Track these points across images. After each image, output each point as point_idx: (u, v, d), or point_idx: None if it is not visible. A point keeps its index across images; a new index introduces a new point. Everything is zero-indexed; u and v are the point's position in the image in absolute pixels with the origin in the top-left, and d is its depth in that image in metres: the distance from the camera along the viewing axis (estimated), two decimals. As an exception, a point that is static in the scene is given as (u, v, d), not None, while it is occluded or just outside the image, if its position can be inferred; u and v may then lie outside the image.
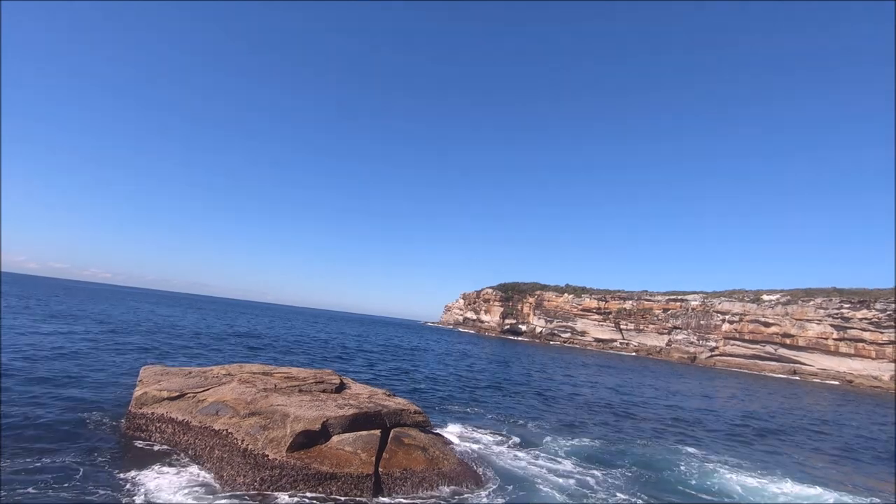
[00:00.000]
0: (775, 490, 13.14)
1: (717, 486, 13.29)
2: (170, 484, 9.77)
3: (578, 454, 15.23)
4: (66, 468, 9.94)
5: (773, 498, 12.66)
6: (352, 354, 40.57)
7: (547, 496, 11.17)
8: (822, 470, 16.82)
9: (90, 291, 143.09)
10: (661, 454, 16.35)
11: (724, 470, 14.84)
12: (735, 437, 21.40)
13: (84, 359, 21.92)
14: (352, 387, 16.03)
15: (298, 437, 10.54)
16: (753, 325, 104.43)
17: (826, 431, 26.21)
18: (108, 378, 18.66)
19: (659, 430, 21.14)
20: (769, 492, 13.04)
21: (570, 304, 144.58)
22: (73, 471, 9.82)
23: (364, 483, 9.92)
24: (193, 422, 12.46)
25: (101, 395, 15.93)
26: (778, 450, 19.68)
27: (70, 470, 9.86)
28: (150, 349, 27.90)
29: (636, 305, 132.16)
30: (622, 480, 12.86)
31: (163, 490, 9.44)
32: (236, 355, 30.21)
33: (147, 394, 14.10)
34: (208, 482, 10.01)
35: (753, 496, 12.60)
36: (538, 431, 18.02)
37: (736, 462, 16.25)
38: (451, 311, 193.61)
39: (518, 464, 13.53)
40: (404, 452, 11.35)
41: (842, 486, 14.65)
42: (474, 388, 27.75)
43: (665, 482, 13.19)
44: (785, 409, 34.98)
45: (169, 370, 16.46)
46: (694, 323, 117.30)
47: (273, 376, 15.61)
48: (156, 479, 9.91)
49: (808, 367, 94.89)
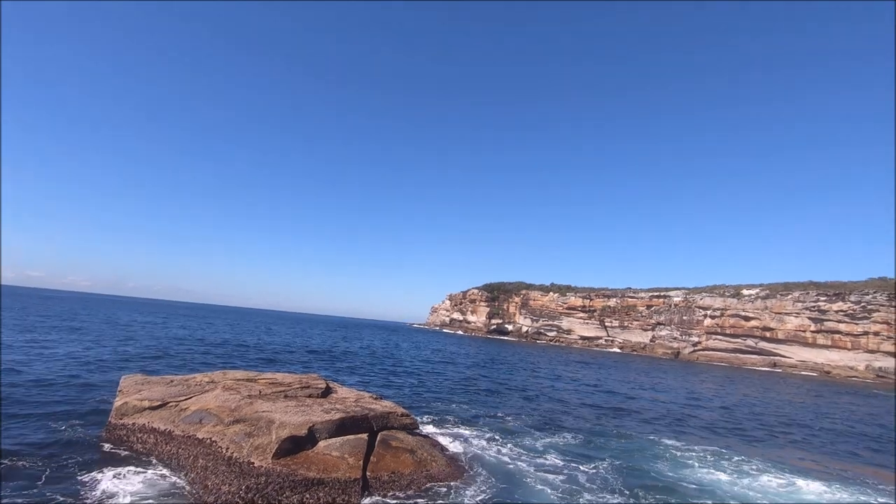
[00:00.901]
0: (751, 482, 13.36)
1: (694, 478, 13.55)
2: (136, 491, 9.63)
3: (563, 450, 15.47)
4: (30, 476, 9.82)
5: (748, 488, 12.93)
6: (337, 358, 40.26)
7: (535, 494, 11.24)
8: (799, 461, 17.18)
9: (78, 300, 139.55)
10: (641, 448, 16.71)
11: (699, 463, 15.12)
12: (714, 431, 21.77)
13: (59, 368, 21.37)
14: (338, 391, 15.91)
15: (284, 443, 10.43)
16: (734, 320, 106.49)
17: (803, 423, 26.82)
18: (88, 390, 18.20)
19: (640, 425, 21.51)
20: (743, 483, 13.30)
21: (555, 302, 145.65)
22: (35, 478, 9.71)
23: (352, 487, 9.85)
24: (176, 431, 12.24)
25: (79, 407, 15.52)
26: (756, 442, 20.07)
27: (34, 479, 9.72)
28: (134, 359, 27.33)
29: (620, 303, 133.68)
30: (606, 475, 13.06)
31: (127, 497, 9.33)
32: (218, 363, 29.74)
33: (128, 404, 13.80)
34: (179, 488, 9.85)
35: (731, 489, 12.84)
36: (524, 429, 18.17)
37: (713, 455, 16.55)
38: (438, 313, 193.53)
39: (506, 462, 13.61)
40: (392, 455, 11.31)
41: (820, 476, 15.01)
42: (461, 389, 27.76)
43: (645, 475, 13.43)
44: (763, 402, 35.72)
45: (150, 379, 16.15)
46: (677, 319, 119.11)
47: (257, 382, 15.41)
48: (123, 487, 9.78)
49: (787, 360, 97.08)
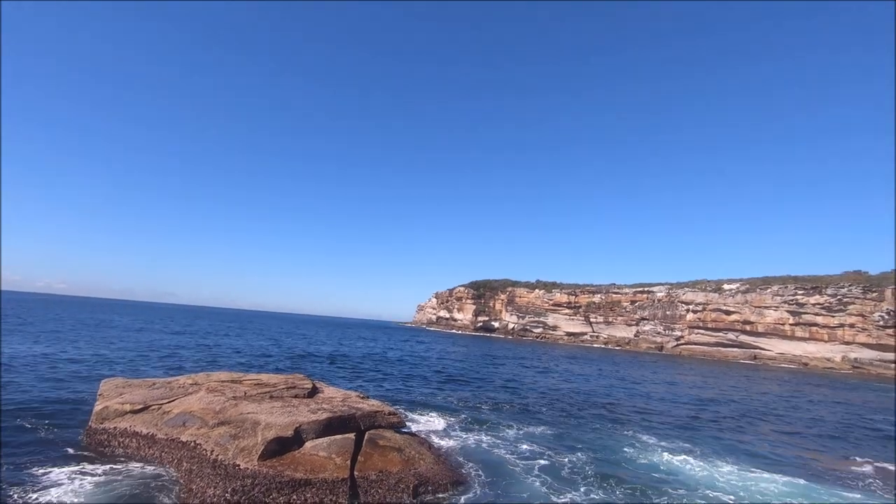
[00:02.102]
0: (714, 473, 13.65)
1: (665, 468, 13.98)
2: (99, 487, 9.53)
3: (548, 443, 15.91)
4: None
5: (712, 478, 13.27)
6: (323, 358, 40.00)
7: (523, 489, 11.35)
8: (770, 451, 17.57)
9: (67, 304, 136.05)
10: (618, 439, 17.20)
11: (668, 454, 15.45)
12: (690, 422, 22.21)
13: (36, 373, 20.85)
14: (324, 391, 15.81)
15: (270, 444, 10.33)
16: (716, 314, 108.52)
17: (777, 413, 27.48)
18: (66, 395, 17.78)
19: (618, 417, 22.10)
20: (708, 473, 13.63)
21: (541, 299, 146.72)
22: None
23: (339, 487, 9.80)
24: (159, 434, 12.04)
25: (57, 412, 15.13)
26: (727, 433, 20.53)
27: None
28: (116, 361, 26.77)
29: (605, 298, 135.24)
30: (587, 468, 13.35)
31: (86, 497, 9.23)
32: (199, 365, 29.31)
33: (108, 408, 13.53)
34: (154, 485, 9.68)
35: (699, 478, 13.19)
36: (510, 423, 18.43)
37: (686, 446, 17.00)
38: (424, 311, 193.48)
39: (493, 458, 13.76)
40: (380, 454, 11.28)
41: (788, 468, 15.38)
42: (448, 386, 27.82)
43: (620, 466, 13.88)
44: (741, 394, 36.48)
45: (131, 382, 15.85)
46: (660, 313, 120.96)
47: (242, 384, 15.23)
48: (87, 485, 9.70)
49: (767, 352, 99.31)
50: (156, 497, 9.62)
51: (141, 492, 9.74)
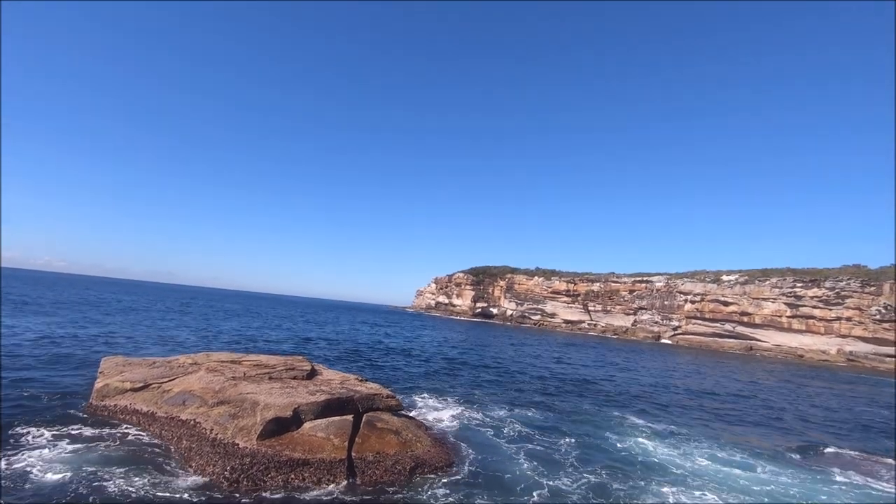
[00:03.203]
0: (688, 461, 13.84)
1: (650, 451, 14.36)
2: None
3: (541, 426, 16.38)
4: None
5: (693, 463, 13.55)
6: (322, 340, 40.25)
7: (515, 471, 11.53)
8: (743, 439, 17.86)
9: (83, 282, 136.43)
10: (608, 424, 17.65)
11: (655, 439, 15.80)
12: (680, 410, 22.54)
13: (37, 350, 20.99)
14: (323, 373, 15.94)
15: (269, 424, 10.44)
16: (714, 305, 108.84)
17: (762, 403, 27.76)
18: (66, 372, 17.92)
19: (611, 401, 22.77)
20: (679, 461, 13.81)
21: (540, 286, 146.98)
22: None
23: (337, 468, 9.94)
24: (159, 412, 12.18)
25: (56, 388, 15.26)
26: (712, 420, 20.86)
27: None
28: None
29: (604, 287, 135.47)
30: (578, 451, 13.70)
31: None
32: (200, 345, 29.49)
33: (109, 385, 13.67)
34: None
35: (681, 462, 13.48)
36: (505, 407, 18.79)
37: (672, 429, 17.55)
38: (424, 296, 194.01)
39: (489, 441, 14.01)
40: (377, 436, 11.42)
41: (759, 455, 15.60)
42: (445, 369, 28.05)
43: (605, 450, 14.22)
44: (734, 383, 36.78)
45: (131, 361, 15.98)
46: (658, 303, 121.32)
47: (242, 364, 15.36)
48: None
49: (763, 344, 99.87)
50: (153, 461, 9.89)
51: (137, 456, 9.96)
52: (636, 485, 11.41)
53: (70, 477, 8.92)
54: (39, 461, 9.54)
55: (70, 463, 9.58)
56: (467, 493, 10.04)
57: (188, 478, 9.40)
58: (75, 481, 8.76)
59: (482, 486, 10.54)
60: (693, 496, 10.98)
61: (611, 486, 11.13)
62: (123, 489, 8.70)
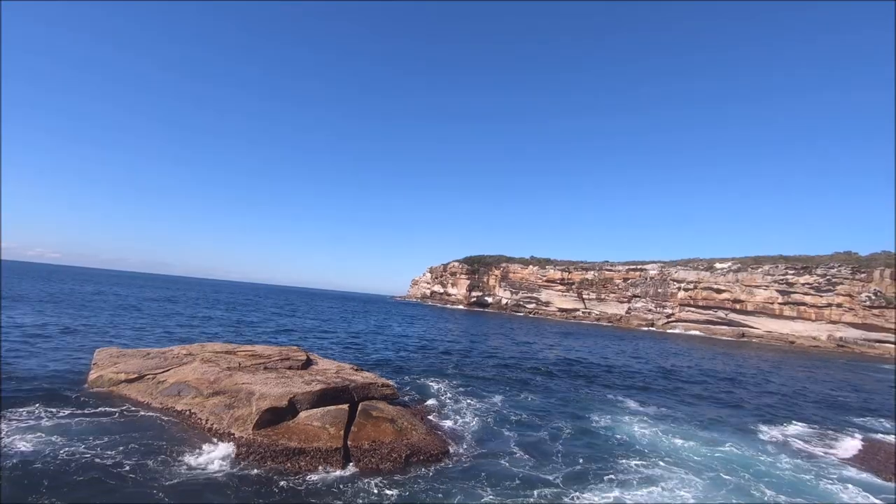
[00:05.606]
0: (668, 441, 14.20)
1: (638, 435, 14.70)
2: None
3: (535, 411, 16.73)
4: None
5: (675, 446, 13.79)
6: (317, 330, 40.29)
7: (509, 458, 11.65)
8: (724, 419, 18.30)
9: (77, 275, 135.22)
10: (600, 409, 18.11)
11: (646, 423, 15.99)
12: (667, 393, 23.18)
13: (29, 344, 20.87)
14: (318, 362, 15.99)
15: (265, 414, 10.49)
16: (707, 292, 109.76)
17: (748, 387, 28.17)
18: (60, 363, 17.82)
19: (604, 385, 23.34)
20: (674, 442, 14.15)
21: (534, 275, 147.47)
22: None
23: (333, 456, 10.01)
24: (154, 403, 12.20)
25: (50, 379, 15.14)
26: (699, 402, 21.36)
27: None
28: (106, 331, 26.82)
29: (598, 275, 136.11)
30: (569, 435, 14.07)
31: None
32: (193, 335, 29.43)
33: (103, 377, 13.65)
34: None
35: (669, 445, 13.71)
36: (501, 394, 19.09)
37: (663, 411, 18.14)
38: (418, 285, 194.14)
39: (483, 428, 14.11)
40: (373, 425, 11.49)
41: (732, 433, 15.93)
42: (441, 358, 28.16)
43: (598, 435, 14.47)
44: (725, 368, 37.23)
45: (125, 352, 15.94)
46: (652, 291, 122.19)
47: (237, 355, 15.36)
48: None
49: (755, 330, 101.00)
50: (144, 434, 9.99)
51: (131, 448, 10.03)
52: (626, 466, 11.61)
53: (60, 465, 8.89)
54: (30, 448, 9.46)
55: (59, 445, 9.59)
56: (462, 479, 10.14)
57: (182, 467, 9.43)
58: (66, 470, 8.73)
59: (477, 472, 10.64)
60: (657, 470, 11.46)
61: (591, 469, 11.35)
62: (117, 473, 8.72)
